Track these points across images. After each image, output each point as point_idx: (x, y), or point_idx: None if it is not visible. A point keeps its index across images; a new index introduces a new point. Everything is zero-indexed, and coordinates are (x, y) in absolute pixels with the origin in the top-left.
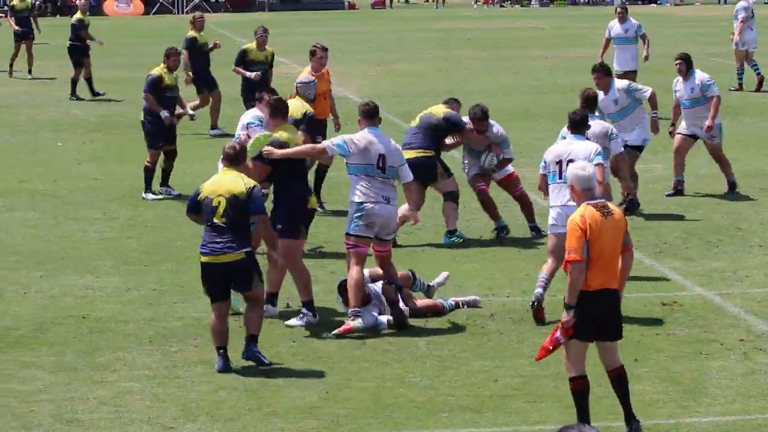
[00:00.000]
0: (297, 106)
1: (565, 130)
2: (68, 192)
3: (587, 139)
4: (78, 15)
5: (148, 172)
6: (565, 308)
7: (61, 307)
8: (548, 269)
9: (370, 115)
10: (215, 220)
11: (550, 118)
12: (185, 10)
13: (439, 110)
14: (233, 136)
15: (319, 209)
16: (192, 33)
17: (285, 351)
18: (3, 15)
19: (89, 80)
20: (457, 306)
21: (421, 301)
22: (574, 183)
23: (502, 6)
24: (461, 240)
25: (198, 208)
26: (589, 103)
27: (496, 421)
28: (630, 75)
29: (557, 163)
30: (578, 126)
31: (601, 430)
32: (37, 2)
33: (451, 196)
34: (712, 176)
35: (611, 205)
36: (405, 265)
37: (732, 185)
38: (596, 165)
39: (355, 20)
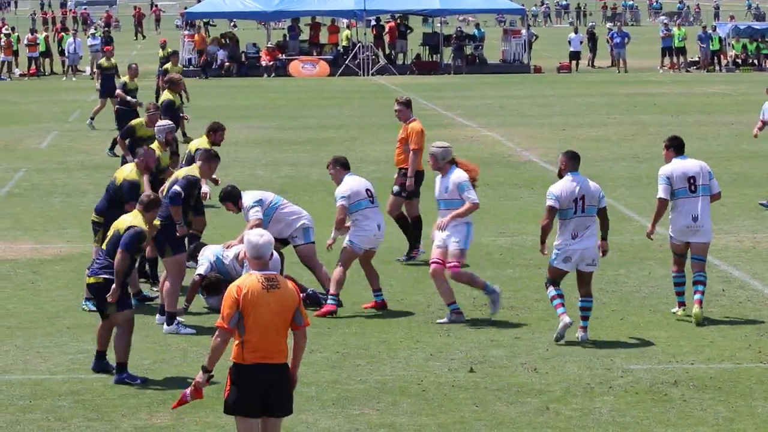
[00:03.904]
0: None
1: None
2: None
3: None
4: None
5: None
6: (202, 369)
7: None
8: None
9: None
10: None
11: (734, 185)
12: (371, 72)
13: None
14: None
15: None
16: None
17: (468, 416)
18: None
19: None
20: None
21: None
22: (247, 249)
23: (687, 71)
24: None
25: None
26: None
27: None
28: None
29: None
30: None
31: None
32: (226, 63)
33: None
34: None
35: (283, 280)
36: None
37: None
38: None
39: (541, 84)
